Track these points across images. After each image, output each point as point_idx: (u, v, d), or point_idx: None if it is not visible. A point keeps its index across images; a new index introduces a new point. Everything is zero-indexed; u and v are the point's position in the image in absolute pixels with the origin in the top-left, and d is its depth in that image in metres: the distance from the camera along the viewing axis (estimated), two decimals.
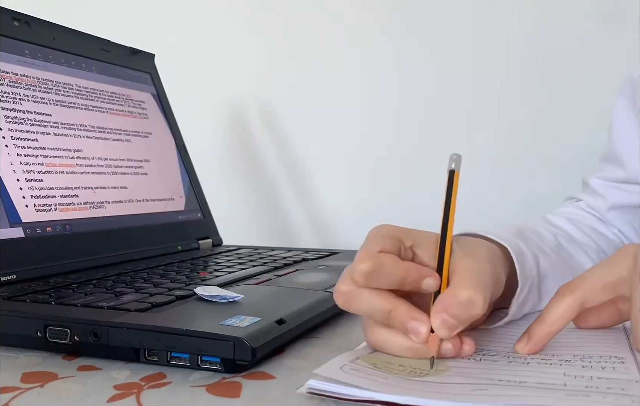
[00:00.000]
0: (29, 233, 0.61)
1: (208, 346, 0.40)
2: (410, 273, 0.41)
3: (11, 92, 0.66)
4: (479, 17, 1.00)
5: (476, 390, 0.35)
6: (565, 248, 0.59)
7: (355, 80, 1.07)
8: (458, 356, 0.41)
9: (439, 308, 0.39)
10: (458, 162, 0.44)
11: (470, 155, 1.01)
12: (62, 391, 0.38)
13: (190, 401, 0.36)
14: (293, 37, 1.10)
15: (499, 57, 1.00)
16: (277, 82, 1.11)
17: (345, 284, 0.41)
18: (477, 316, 0.39)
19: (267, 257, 0.75)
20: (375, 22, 1.06)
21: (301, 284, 0.59)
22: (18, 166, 0.63)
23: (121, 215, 0.73)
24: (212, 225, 0.88)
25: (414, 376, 0.38)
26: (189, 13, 1.15)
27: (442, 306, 0.39)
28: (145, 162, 0.80)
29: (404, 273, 0.41)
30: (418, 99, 1.04)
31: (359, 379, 0.36)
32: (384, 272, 0.40)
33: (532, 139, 0.99)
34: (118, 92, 0.81)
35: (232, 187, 1.15)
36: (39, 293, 0.52)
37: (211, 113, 1.14)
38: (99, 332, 0.43)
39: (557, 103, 0.97)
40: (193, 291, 0.51)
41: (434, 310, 0.39)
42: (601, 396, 0.33)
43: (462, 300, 0.39)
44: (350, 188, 1.09)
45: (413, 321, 0.39)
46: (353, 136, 1.08)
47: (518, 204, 0.97)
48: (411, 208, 1.04)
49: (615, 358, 0.40)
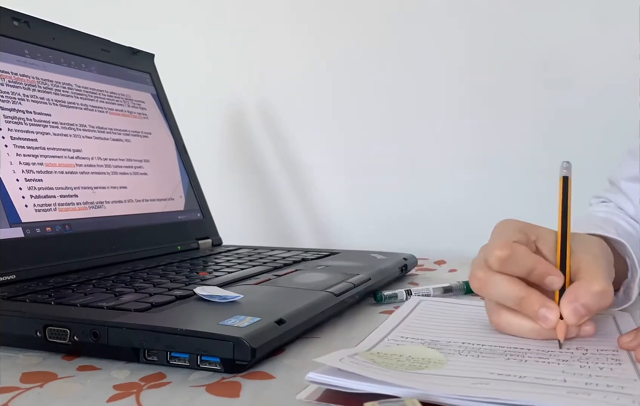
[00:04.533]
0: (29, 233, 0.61)
1: (208, 346, 0.40)
2: (539, 266, 0.45)
3: (11, 92, 0.66)
4: (479, 17, 1.00)
5: (476, 383, 0.35)
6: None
7: (355, 80, 1.07)
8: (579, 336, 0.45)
9: (572, 298, 0.43)
10: (569, 169, 0.50)
11: (470, 155, 1.02)
12: (61, 391, 0.38)
13: (190, 401, 0.36)
14: (293, 37, 1.10)
15: (498, 57, 1.00)
16: (277, 82, 1.11)
17: (480, 270, 0.46)
18: (607, 306, 0.44)
19: (266, 257, 0.75)
20: (375, 22, 1.06)
21: (301, 284, 0.59)
22: (18, 166, 0.63)
23: (121, 215, 0.73)
24: (212, 225, 0.88)
25: (413, 369, 0.38)
26: (189, 13, 1.15)
27: (574, 296, 0.43)
28: (144, 162, 0.80)
29: (533, 264, 0.45)
30: (418, 99, 1.04)
31: (358, 370, 0.36)
32: (518, 260, 0.44)
33: (532, 139, 0.99)
34: (118, 92, 0.81)
35: (232, 187, 1.15)
36: (39, 293, 0.52)
37: (211, 114, 1.15)
38: (98, 332, 0.43)
39: (557, 103, 0.97)
40: (193, 291, 0.51)
41: (566, 299, 0.43)
42: (602, 395, 0.33)
43: (595, 292, 0.43)
44: (350, 188, 1.09)
45: (543, 309, 0.43)
46: (353, 136, 1.08)
47: (518, 204, 0.97)
48: (411, 208, 1.04)
49: (613, 360, 0.40)
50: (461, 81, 1.02)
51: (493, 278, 0.45)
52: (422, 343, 0.44)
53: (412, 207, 1.03)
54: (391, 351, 0.42)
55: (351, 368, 0.36)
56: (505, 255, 0.44)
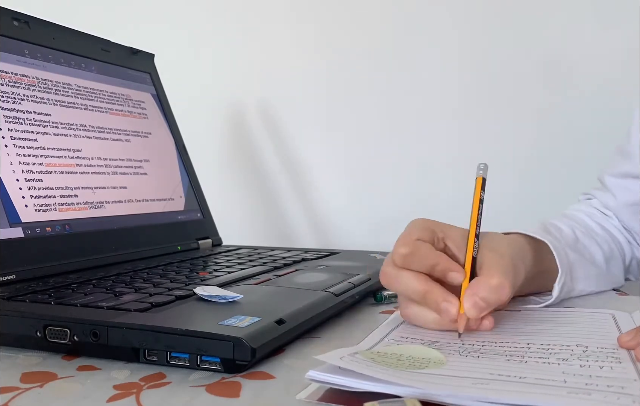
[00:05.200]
0: (29, 233, 0.61)
1: (208, 346, 0.40)
2: (441, 262, 0.47)
3: (11, 92, 0.66)
4: (479, 17, 1.00)
5: (477, 383, 0.35)
6: (581, 241, 0.64)
7: (356, 80, 1.07)
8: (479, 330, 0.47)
9: (471, 292, 0.45)
10: (485, 170, 0.52)
11: (470, 155, 1.02)
12: (61, 391, 0.38)
13: (190, 401, 0.36)
14: (293, 37, 1.10)
15: (498, 58, 1.00)
16: (277, 82, 1.11)
17: (387, 266, 0.49)
18: (504, 300, 0.46)
19: (266, 257, 0.75)
20: (374, 22, 1.06)
21: (301, 284, 0.59)
22: (18, 166, 0.63)
23: (121, 215, 0.73)
24: (212, 225, 0.88)
25: (413, 369, 0.38)
26: (189, 13, 1.15)
27: (474, 290, 0.45)
28: (144, 162, 0.80)
29: (436, 260, 0.47)
30: (418, 99, 1.04)
31: (359, 368, 0.36)
32: (419, 256, 0.47)
33: (532, 140, 0.99)
34: (118, 92, 0.81)
35: (232, 187, 1.15)
36: (39, 293, 0.52)
37: (211, 114, 1.15)
38: (98, 332, 0.43)
39: (557, 103, 0.97)
40: (193, 291, 0.51)
41: (467, 293, 0.45)
42: (602, 395, 0.33)
43: (492, 286, 0.45)
44: (350, 188, 1.09)
45: (445, 303, 0.45)
46: (353, 136, 1.08)
47: (517, 205, 0.97)
48: (411, 208, 1.04)
49: (613, 358, 0.40)
50: (461, 81, 1.02)
51: (399, 274, 0.48)
52: (422, 343, 0.44)
53: (412, 206, 1.03)
54: (391, 350, 0.42)
55: (351, 367, 0.36)
56: (407, 252, 0.47)
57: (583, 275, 0.61)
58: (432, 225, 0.50)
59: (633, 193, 0.70)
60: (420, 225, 0.50)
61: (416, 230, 0.49)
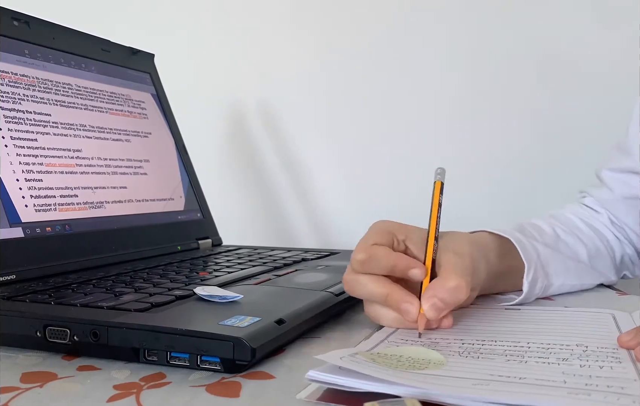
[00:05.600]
0: (29, 233, 0.61)
1: (208, 346, 0.40)
2: (400, 262, 0.48)
3: (11, 92, 0.66)
4: (478, 17, 1.00)
5: (477, 384, 0.35)
6: (562, 239, 0.65)
7: (356, 81, 1.07)
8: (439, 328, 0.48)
9: (430, 294, 0.46)
10: (442, 174, 0.52)
11: (469, 155, 1.02)
12: (61, 391, 0.38)
13: (190, 401, 0.36)
14: (292, 37, 1.10)
15: (497, 58, 1.00)
16: (277, 82, 1.11)
17: (347, 273, 0.50)
18: (462, 300, 0.47)
19: (266, 257, 0.75)
20: (374, 22, 1.06)
21: (301, 284, 0.59)
22: (17, 166, 0.63)
23: (121, 215, 0.73)
24: (212, 225, 0.88)
25: (413, 369, 0.38)
26: (189, 13, 1.15)
27: (432, 292, 0.46)
28: (144, 162, 0.80)
29: (394, 262, 0.48)
30: (417, 99, 1.04)
31: (359, 368, 0.36)
32: (376, 260, 0.48)
33: (532, 140, 0.99)
34: (118, 92, 0.81)
35: (232, 187, 1.15)
36: (39, 293, 0.52)
37: (211, 113, 1.15)
38: (98, 332, 0.43)
39: (557, 104, 0.97)
40: (193, 291, 0.51)
41: (425, 295, 0.46)
42: (602, 395, 0.33)
43: (450, 287, 0.46)
44: (350, 188, 1.09)
45: (405, 304, 0.47)
46: (352, 136, 1.08)
47: (517, 205, 0.97)
48: (411, 208, 1.04)
49: (613, 358, 0.40)
50: (462, 81, 1.02)
51: (358, 280, 0.49)
52: (422, 345, 0.44)
53: (412, 206, 1.03)
54: (391, 351, 0.42)
55: (352, 367, 0.36)
56: (363, 257, 0.48)
57: (562, 269, 0.61)
58: (392, 227, 0.51)
59: (631, 188, 0.70)
60: (379, 228, 0.51)
61: (373, 235, 0.50)
